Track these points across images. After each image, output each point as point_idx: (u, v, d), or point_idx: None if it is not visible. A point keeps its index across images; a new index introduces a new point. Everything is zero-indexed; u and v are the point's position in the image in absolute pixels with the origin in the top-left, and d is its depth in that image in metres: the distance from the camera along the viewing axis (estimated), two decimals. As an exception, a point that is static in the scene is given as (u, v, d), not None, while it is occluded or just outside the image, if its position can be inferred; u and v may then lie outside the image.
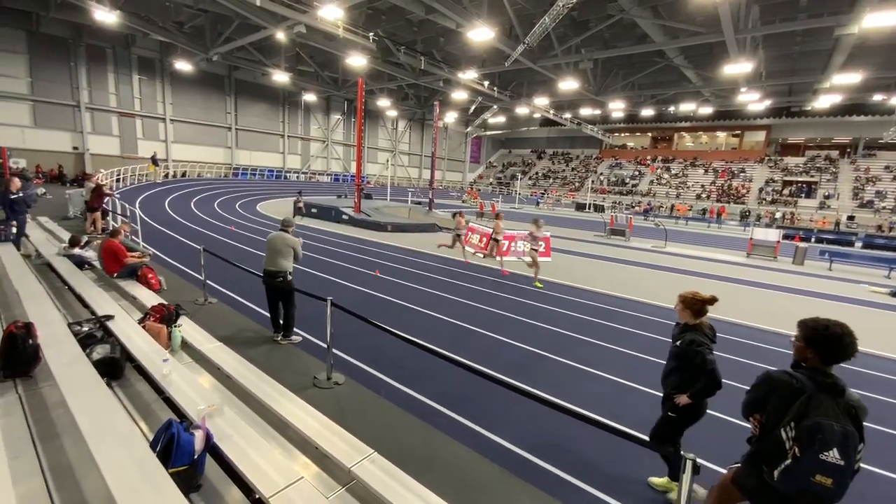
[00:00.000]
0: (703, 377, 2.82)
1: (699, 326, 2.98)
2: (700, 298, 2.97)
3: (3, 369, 3.42)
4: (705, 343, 2.87)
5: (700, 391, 2.86)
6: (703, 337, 2.91)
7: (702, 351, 2.83)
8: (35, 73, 23.80)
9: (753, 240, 17.37)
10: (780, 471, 1.87)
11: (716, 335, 3.03)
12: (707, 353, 2.82)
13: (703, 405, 2.99)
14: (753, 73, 24.94)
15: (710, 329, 3.01)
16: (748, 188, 40.21)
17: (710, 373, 2.79)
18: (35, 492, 2.37)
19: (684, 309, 3.03)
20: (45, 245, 7.99)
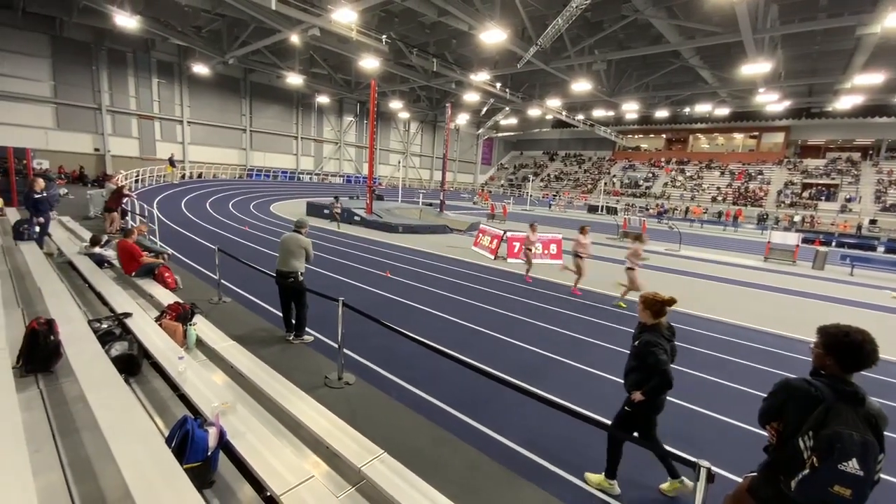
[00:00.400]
0: (655, 377, 2.93)
1: (657, 327, 3.06)
2: (659, 299, 3.05)
3: (26, 365, 3.53)
4: (660, 344, 2.96)
5: (652, 389, 2.97)
6: (660, 337, 3.01)
7: (655, 352, 2.93)
8: (58, 76, 24.53)
9: (771, 243, 17.00)
10: (798, 481, 1.82)
11: (674, 334, 3.13)
12: (660, 354, 2.92)
13: (662, 399, 3.10)
14: (772, 74, 24.43)
15: (668, 329, 3.09)
16: (766, 191, 39.39)
17: (662, 373, 2.90)
18: (55, 485, 2.43)
19: (644, 309, 3.12)
20: (66, 244, 8.21)
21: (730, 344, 6.95)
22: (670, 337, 3.07)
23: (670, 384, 2.91)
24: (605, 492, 3.30)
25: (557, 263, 12.76)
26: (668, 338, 3.04)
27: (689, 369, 5.77)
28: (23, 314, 4.73)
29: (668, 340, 3.03)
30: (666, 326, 3.09)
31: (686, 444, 3.90)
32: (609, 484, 3.31)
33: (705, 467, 1.94)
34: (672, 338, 3.09)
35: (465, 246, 14.74)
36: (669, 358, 3.01)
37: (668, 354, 2.96)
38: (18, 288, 5.72)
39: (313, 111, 38.69)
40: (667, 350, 2.96)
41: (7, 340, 3.60)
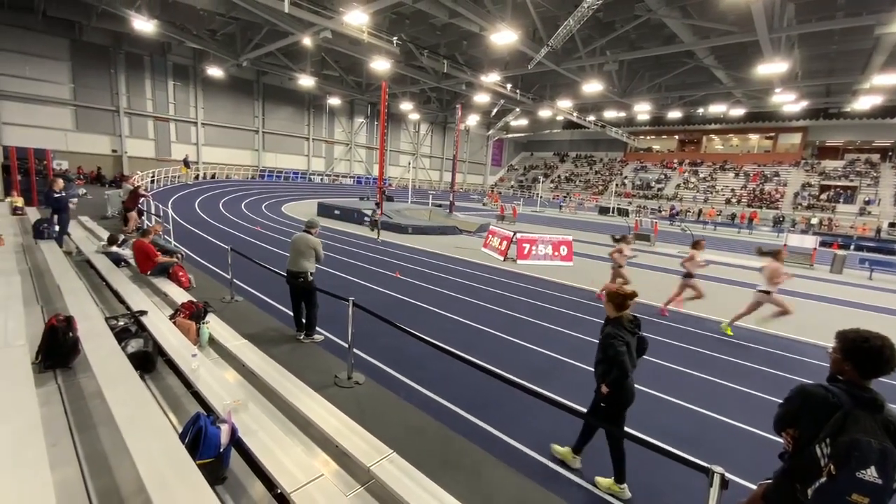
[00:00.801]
0: (614, 368, 3.01)
1: (620, 319, 3.16)
2: (622, 293, 3.17)
3: (45, 360, 3.61)
4: (619, 335, 3.05)
5: (613, 381, 3.03)
6: (622, 329, 3.09)
7: (614, 343, 3.02)
8: (77, 79, 25.13)
9: (788, 246, 16.70)
10: (815, 489, 1.79)
11: (639, 326, 3.20)
12: (618, 346, 3.00)
13: (629, 390, 3.13)
14: (788, 74, 23.98)
15: (630, 322, 3.16)
16: (782, 192, 38.64)
17: (620, 364, 2.98)
18: (71, 479, 2.48)
19: (608, 302, 3.23)
20: (85, 243, 8.39)
21: (743, 348, 6.83)
22: (633, 329, 3.15)
23: (626, 374, 2.99)
24: (615, 496, 3.29)
25: (567, 265, 12.69)
26: (630, 330, 3.13)
27: (700, 373, 5.69)
28: (42, 311, 4.85)
29: (631, 332, 3.12)
30: (629, 319, 3.17)
31: (698, 449, 3.84)
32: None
33: (719, 473, 1.91)
34: (636, 330, 3.17)
35: (474, 247, 14.72)
36: (635, 350, 3.11)
37: (627, 346, 3.03)
38: (38, 285, 5.87)
39: (324, 113, 39.04)
40: (627, 342, 3.04)
41: (27, 336, 3.70)
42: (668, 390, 5.10)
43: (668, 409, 4.73)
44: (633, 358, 3.10)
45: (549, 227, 21.67)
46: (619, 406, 3.18)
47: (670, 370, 5.75)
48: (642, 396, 4.91)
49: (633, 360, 3.08)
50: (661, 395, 5.00)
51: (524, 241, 12.85)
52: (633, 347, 3.09)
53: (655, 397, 4.95)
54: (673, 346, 6.69)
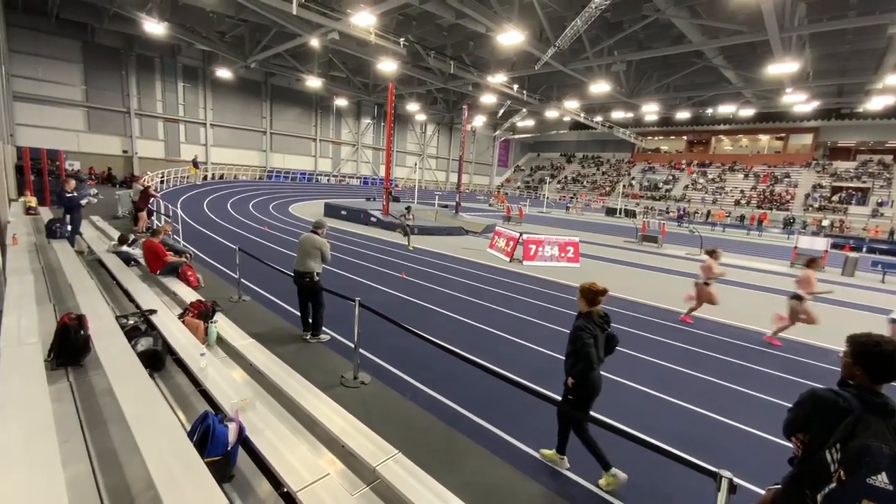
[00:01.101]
0: (580, 360, 3.13)
1: (590, 314, 3.27)
2: (594, 289, 3.28)
3: (57, 358, 3.67)
4: (588, 329, 3.17)
5: (578, 372, 3.16)
6: (591, 323, 3.22)
7: (582, 336, 3.15)
8: (89, 81, 25.52)
9: (798, 248, 16.45)
10: (825, 495, 1.76)
11: (609, 322, 3.32)
12: (586, 339, 3.13)
13: (596, 382, 3.25)
14: (800, 73, 23.70)
15: (600, 317, 3.29)
16: (793, 194, 38.18)
17: (586, 356, 3.10)
18: (82, 475, 2.52)
19: (581, 298, 3.34)
20: (96, 242, 8.51)
21: (752, 351, 6.76)
22: (602, 324, 3.27)
23: (591, 366, 3.12)
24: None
25: (574, 267, 12.63)
26: (599, 324, 3.25)
27: (708, 376, 5.64)
28: (54, 309, 4.92)
29: (600, 327, 3.25)
30: (600, 314, 3.29)
31: (705, 453, 3.80)
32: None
33: (727, 478, 1.90)
34: (605, 325, 3.29)
35: (480, 248, 14.71)
36: (603, 344, 3.25)
37: (595, 340, 3.15)
38: (51, 284, 5.96)
39: (332, 114, 39.27)
40: (595, 336, 3.16)
41: (40, 334, 3.76)
42: (675, 393, 5.06)
43: (676, 411, 4.69)
44: (601, 351, 3.22)
45: (555, 228, 21.59)
46: (585, 397, 3.28)
47: (678, 373, 5.70)
48: (648, 399, 4.89)
49: (600, 353, 3.20)
50: (668, 397, 4.96)
51: (530, 241, 12.81)
52: (600, 341, 3.21)
53: (663, 400, 4.91)
54: (679, 348, 6.63)
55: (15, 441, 2.33)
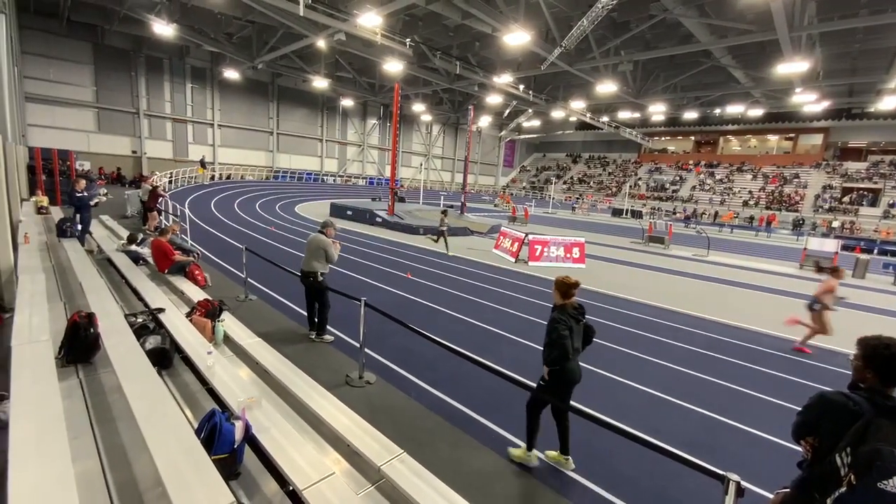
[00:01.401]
0: (555, 349, 3.27)
1: (564, 306, 3.42)
2: (568, 283, 3.43)
3: (67, 355, 3.72)
4: (563, 321, 3.32)
5: (553, 360, 3.30)
6: (566, 315, 3.36)
7: (557, 327, 3.29)
8: (100, 82, 25.83)
9: (808, 250, 16.26)
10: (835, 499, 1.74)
11: (583, 313, 3.47)
12: (561, 330, 3.27)
13: (573, 371, 3.40)
14: (810, 73, 23.42)
15: (573, 308, 3.43)
16: (802, 195, 37.71)
17: (561, 346, 3.25)
18: (92, 470, 2.55)
19: (555, 291, 3.49)
20: (105, 241, 8.61)
21: (760, 353, 6.69)
22: (576, 315, 3.42)
23: (565, 355, 3.26)
24: (524, 463, 3.55)
25: (580, 268, 12.58)
26: (574, 316, 3.40)
27: (715, 378, 5.59)
28: (65, 307, 4.99)
29: (574, 318, 3.40)
30: (574, 306, 3.44)
31: (712, 456, 3.77)
32: (527, 456, 3.57)
33: (734, 481, 1.88)
34: (580, 316, 3.44)
35: (485, 248, 14.70)
36: (581, 335, 3.43)
37: (570, 330, 3.30)
38: (61, 282, 6.04)
39: (338, 114, 39.42)
40: (569, 327, 3.31)
41: (51, 332, 3.81)
42: (680, 395, 5.02)
43: (681, 414, 4.65)
44: (577, 342, 3.39)
45: (561, 229, 21.52)
46: (564, 384, 3.43)
47: (683, 374, 5.66)
48: (653, 401, 4.86)
49: (576, 343, 3.37)
50: (673, 399, 4.93)
51: (536, 242, 12.78)
52: (576, 332, 3.37)
53: (668, 402, 4.88)
54: (683, 349, 6.58)
55: (27, 437, 2.36)
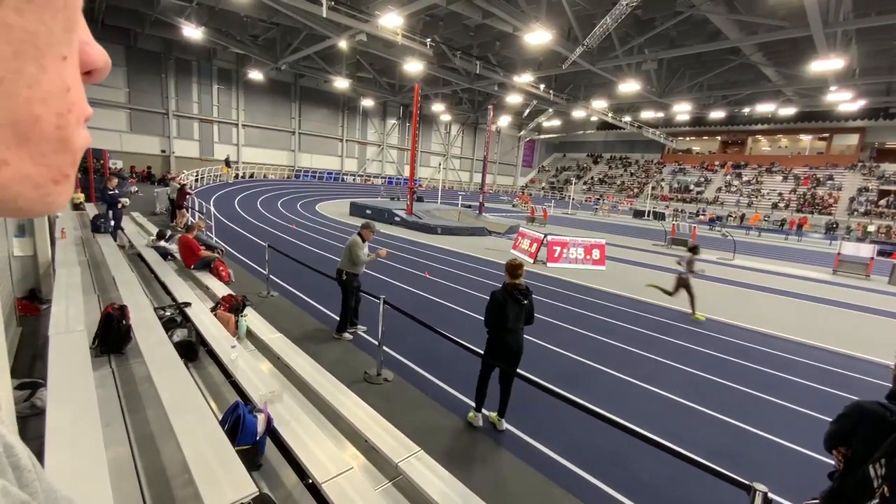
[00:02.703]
0: (485, 316, 3.90)
1: (508, 285, 3.89)
2: (512, 265, 3.95)
3: (100, 346, 3.88)
4: (496, 295, 3.85)
5: (484, 324, 3.92)
6: (504, 292, 3.85)
7: (490, 299, 3.88)
8: (132, 84, 26.85)
9: (841, 255, 15.59)
10: None
11: (527, 295, 3.88)
12: (492, 302, 3.84)
13: (504, 341, 3.86)
14: (845, 71, 22.44)
15: (514, 288, 3.85)
16: (836, 198, 36.19)
17: (486, 314, 3.88)
18: (123, 457, 2.66)
19: (505, 271, 3.98)
20: (136, 237, 8.95)
21: (789, 361, 6.46)
22: (514, 294, 3.83)
23: (486, 321, 3.89)
24: (471, 422, 4.01)
25: (600, 269, 12.39)
26: (511, 294, 3.83)
27: (740, 385, 5.43)
28: (99, 300, 5.21)
29: (512, 296, 3.82)
30: (516, 286, 3.87)
31: (736, 465, 3.67)
32: (473, 416, 4.04)
33: (762, 491, 1.83)
34: (519, 296, 3.83)
35: (503, 249, 14.62)
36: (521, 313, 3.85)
37: (501, 305, 3.80)
38: (95, 276, 6.31)
39: (358, 114, 39.88)
40: (500, 302, 3.81)
41: (86, 323, 3.99)
42: (704, 401, 4.89)
43: (704, 421, 4.54)
44: (510, 316, 3.81)
45: (581, 230, 21.24)
46: (500, 352, 3.87)
47: (707, 380, 5.51)
48: (676, 406, 4.75)
49: (505, 317, 3.80)
50: (696, 406, 4.80)
51: (555, 243, 12.65)
52: (510, 308, 3.80)
53: (691, 408, 4.76)
54: (707, 355, 6.41)
55: (63, 423, 2.48)
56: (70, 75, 0.23)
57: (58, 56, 0.22)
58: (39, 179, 0.23)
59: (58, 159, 0.23)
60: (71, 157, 0.24)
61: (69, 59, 0.23)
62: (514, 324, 3.83)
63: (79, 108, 0.24)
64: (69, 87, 0.23)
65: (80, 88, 0.25)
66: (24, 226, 6.12)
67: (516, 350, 3.90)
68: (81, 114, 0.25)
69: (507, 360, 3.87)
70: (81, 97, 0.25)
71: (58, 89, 0.22)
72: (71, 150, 0.24)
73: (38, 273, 6.27)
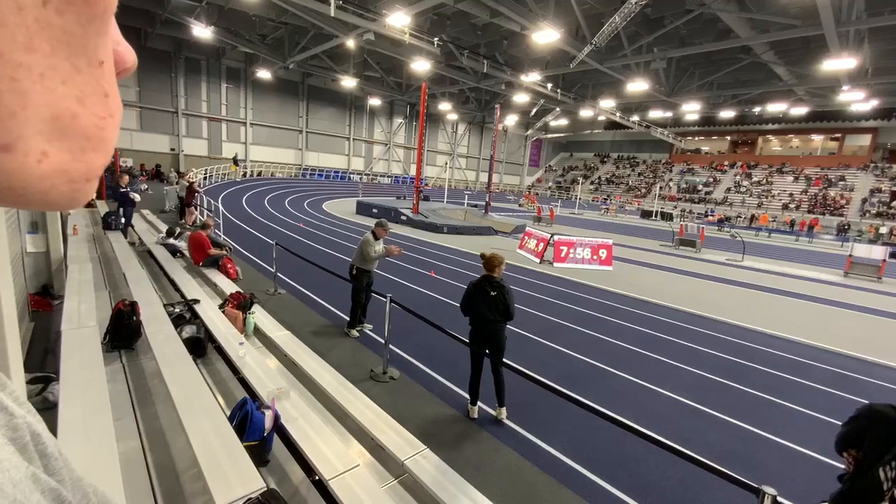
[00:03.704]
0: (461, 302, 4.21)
1: (487, 276, 4.13)
2: (485, 258, 4.20)
3: (112, 341, 3.94)
4: (473, 285, 4.14)
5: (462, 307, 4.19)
6: (481, 281, 4.12)
7: (467, 289, 4.17)
8: (142, 83, 27.14)
9: (853, 257, 15.37)
10: None
11: (494, 287, 4.07)
12: (467, 290, 4.16)
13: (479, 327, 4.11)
14: (858, 70, 22.09)
15: (486, 280, 4.11)
16: (848, 199, 35.66)
17: (462, 300, 4.17)
18: (133, 450, 2.70)
19: (483, 265, 4.20)
20: (146, 234, 9.05)
21: (799, 364, 6.38)
22: (484, 285, 4.08)
23: (462, 307, 4.18)
24: (469, 414, 4.17)
25: (606, 270, 12.33)
26: (482, 285, 4.09)
27: (749, 388, 5.37)
28: (110, 296, 5.28)
29: (484, 288, 4.07)
30: (489, 278, 4.11)
31: (745, 468, 3.64)
32: (471, 408, 4.21)
33: (771, 494, 1.81)
34: (489, 287, 4.06)
35: (509, 248, 14.59)
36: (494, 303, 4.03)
37: (473, 294, 4.09)
38: (106, 272, 6.39)
39: (365, 113, 39.98)
40: (471, 292, 4.11)
41: (97, 319, 4.04)
42: (712, 404, 4.85)
43: (712, 423, 4.50)
44: (484, 306, 4.03)
45: (588, 230, 21.14)
46: (480, 341, 4.13)
47: (718, 384, 5.47)
48: (684, 408, 4.71)
49: (476, 306, 4.06)
50: (704, 408, 4.77)
51: (561, 243, 12.60)
52: (482, 297, 4.04)
53: (699, 411, 4.72)
54: (717, 357, 6.35)
55: (75, 417, 2.52)
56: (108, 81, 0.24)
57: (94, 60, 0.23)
58: (75, 175, 0.23)
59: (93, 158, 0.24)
60: (104, 159, 0.25)
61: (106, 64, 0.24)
62: (489, 314, 4.03)
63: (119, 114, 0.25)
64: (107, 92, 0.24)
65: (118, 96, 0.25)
66: (37, 222, 6.22)
67: (493, 341, 4.10)
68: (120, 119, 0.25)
69: (484, 348, 4.12)
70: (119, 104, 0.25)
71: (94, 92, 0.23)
72: (106, 152, 0.25)
73: (50, 269, 6.37)
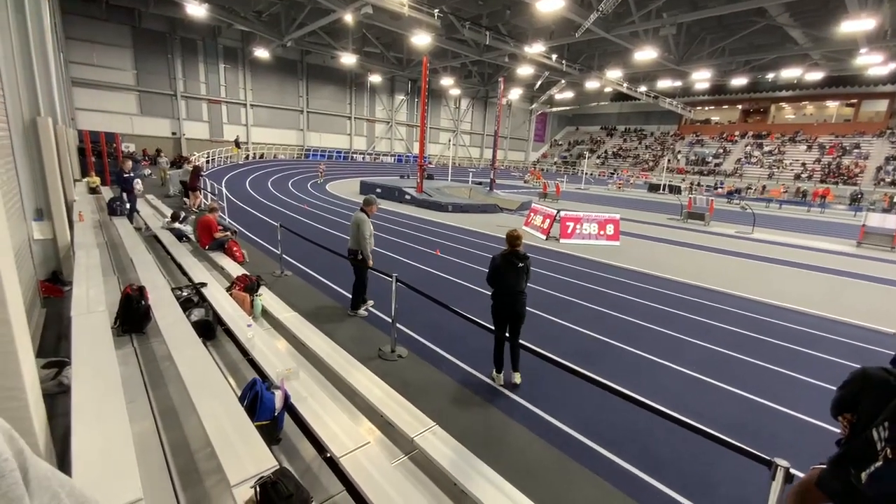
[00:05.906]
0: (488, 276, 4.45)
1: (506, 252, 4.35)
2: (511, 235, 4.35)
3: (122, 325, 3.97)
4: (496, 259, 4.36)
5: (487, 279, 4.46)
6: (503, 257, 4.33)
7: (492, 261, 4.39)
8: (139, 65, 26.76)
9: (866, 227, 15.05)
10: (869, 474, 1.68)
11: (521, 259, 4.30)
12: (492, 262, 4.39)
13: (502, 300, 4.36)
14: (876, 31, 21.10)
15: (512, 254, 4.31)
16: (862, 167, 34.79)
17: (489, 273, 4.43)
18: (147, 431, 2.74)
19: (507, 241, 4.37)
20: (151, 219, 9.06)
21: (812, 336, 6.33)
22: (512, 259, 4.30)
23: (489, 278, 4.42)
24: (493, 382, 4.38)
25: (614, 245, 12.21)
26: (509, 259, 4.30)
27: (759, 361, 5.35)
28: (118, 281, 5.31)
29: (509, 261, 4.29)
30: (514, 253, 4.32)
31: (757, 441, 3.64)
32: (495, 375, 4.44)
33: (784, 467, 1.79)
34: (516, 260, 4.29)
35: (515, 225, 14.47)
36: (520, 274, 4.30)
37: (498, 267, 4.31)
38: (114, 257, 6.42)
39: (366, 91, 39.25)
40: (497, 265, 4.32)
41: (107, 304, 4.07)
42: (723, 377, 4.84)
43: (723, 396, 4.50)
44: (510, 279, 4.27)
45: (594, 205, 20.88)
46: (500, 311, 4.39)
47: (725, 356, 5.44)
48: (694, 382, 4.71)
49: (503, 278, 4.29)
50: (715, 381, 4.76)
51: (568, 219, 12.46)
52: (507, 270, 4.27)
53: (709, 384, 4.72)
54: (726, 330, 6.31)
55: (89, 400, 2.55)
56: None
57: None
58: None
59: None
60: None
61: None
62: (513, 286, 4.27)
63: None
64: None
65: None
66: (42, 210, 6.22)
67: (516, 311, 4.35)
68: None
69: (509, 319, 4.37)
70: None
71: None
72: None
73: (58, 256, 6.41)
